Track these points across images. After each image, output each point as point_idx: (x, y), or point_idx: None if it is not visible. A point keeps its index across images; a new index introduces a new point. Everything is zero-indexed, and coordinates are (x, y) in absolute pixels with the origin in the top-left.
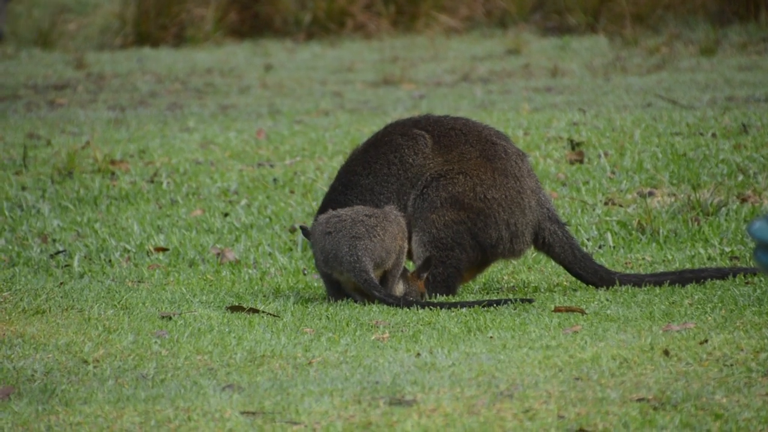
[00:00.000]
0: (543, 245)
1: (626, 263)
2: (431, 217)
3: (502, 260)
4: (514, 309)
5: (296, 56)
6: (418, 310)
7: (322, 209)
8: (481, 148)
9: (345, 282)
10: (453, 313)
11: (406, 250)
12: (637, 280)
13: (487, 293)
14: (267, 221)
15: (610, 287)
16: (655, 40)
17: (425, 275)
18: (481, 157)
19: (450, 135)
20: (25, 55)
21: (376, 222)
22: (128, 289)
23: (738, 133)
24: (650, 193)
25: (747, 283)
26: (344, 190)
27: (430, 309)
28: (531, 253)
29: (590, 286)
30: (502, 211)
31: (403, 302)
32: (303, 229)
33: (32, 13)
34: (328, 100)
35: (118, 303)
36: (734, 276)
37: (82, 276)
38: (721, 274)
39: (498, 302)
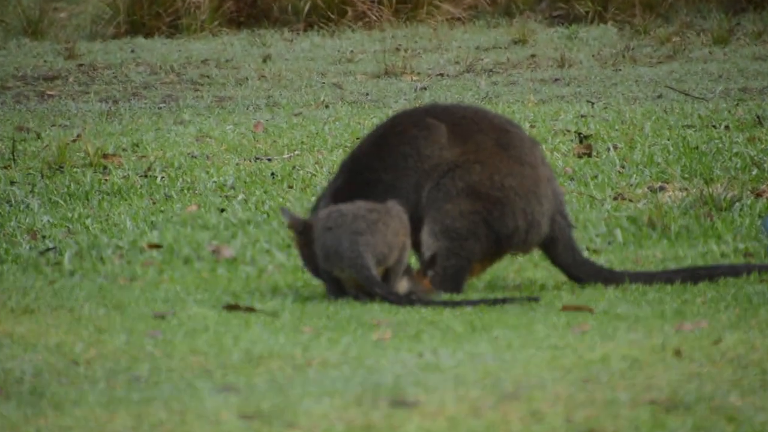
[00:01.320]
0: (549, 239)
1: (636, 260)
2: (446, 207)
3: (513, 253)
4: (520, 308)
5: (295, 46)
6: (420, 308)
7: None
8: (495, 136)
9: (346, 279)
10: (457, 312)
11: (408, 246)
12: (648, 278)
13: (492, 291)
14: (265, 217)
15: (620, 285)
16: (665, 29)
17: (431, 273)
18: (497, 145)
19: (463, 124)
20: (13, 44)
21: (377, 217)
22: (121, 288)
23: (752, 126)
24: (661, 188)
25: (762, 281)
26: (367, 188)
27: (433, 308)
28: (536, 250)
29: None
30: (519, 200)
31: (405, 300)
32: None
33: (21, 0)
34: (327, 91)
35: (110, 302)
36: (748, 273)
37: (72, 274)
38: (734, 271)
39: (503, 300)
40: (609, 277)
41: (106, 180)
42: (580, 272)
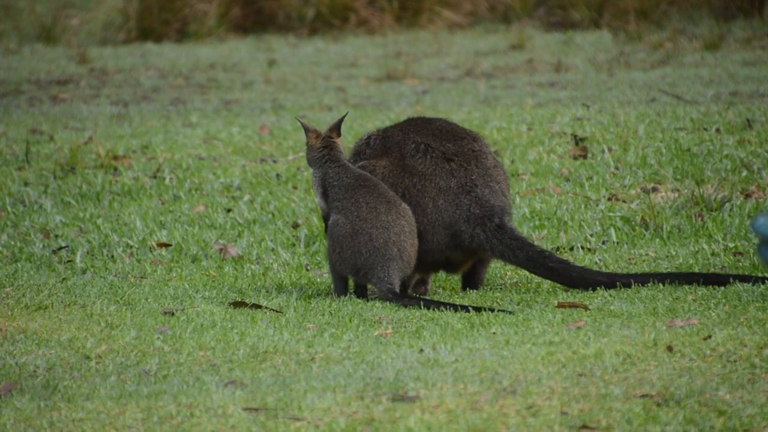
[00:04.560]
0: (468, 249)
1: (630, 259)
2: None
3: (431, 260)
4: (517, 304)
5: (299, 51)
6: (434, 308)
7: None
8: (404, 147)
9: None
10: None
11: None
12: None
13: (490, 289)
14: (270, 217)
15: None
16: (658, 35)
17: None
18: (399, 156)
19: (393, 136)
20: (27, 50)
21: (405, 238)
22: (131, 285)
23: (742, 129)
24: (654, 189)
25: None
26: None
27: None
28: None
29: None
30: None
31: (426, 303)
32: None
33: (35, 8)
34: (331, 95)
35: (121, 299)
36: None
37: (84, 272)
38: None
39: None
40: (577, 276)
41: (116, 181)
42: (533, 269)
